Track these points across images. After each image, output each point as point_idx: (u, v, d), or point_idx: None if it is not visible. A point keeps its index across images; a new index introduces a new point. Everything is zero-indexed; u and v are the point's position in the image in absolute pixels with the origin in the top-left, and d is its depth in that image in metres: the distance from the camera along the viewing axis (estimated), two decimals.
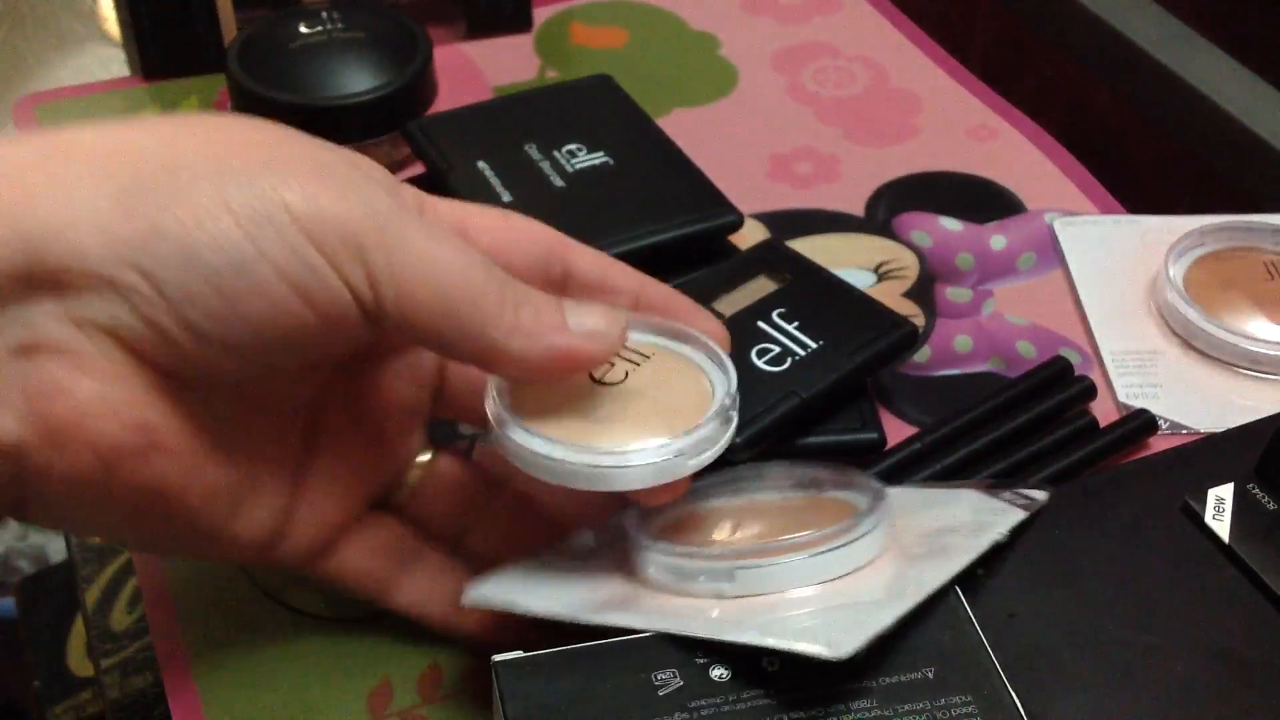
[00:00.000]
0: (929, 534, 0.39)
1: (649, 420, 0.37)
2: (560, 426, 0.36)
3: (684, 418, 0.37)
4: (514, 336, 0.34)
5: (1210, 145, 0.66)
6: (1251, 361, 0.51)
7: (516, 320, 0.34)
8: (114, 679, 0.43)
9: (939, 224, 0.59)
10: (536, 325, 0.35)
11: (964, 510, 0.40)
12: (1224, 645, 0.38)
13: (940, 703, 0.35)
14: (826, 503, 0.40)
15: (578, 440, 0.36)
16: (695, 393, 0.38)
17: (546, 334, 0.35)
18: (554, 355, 0.35)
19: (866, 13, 0.73)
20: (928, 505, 0.41)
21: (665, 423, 0.37)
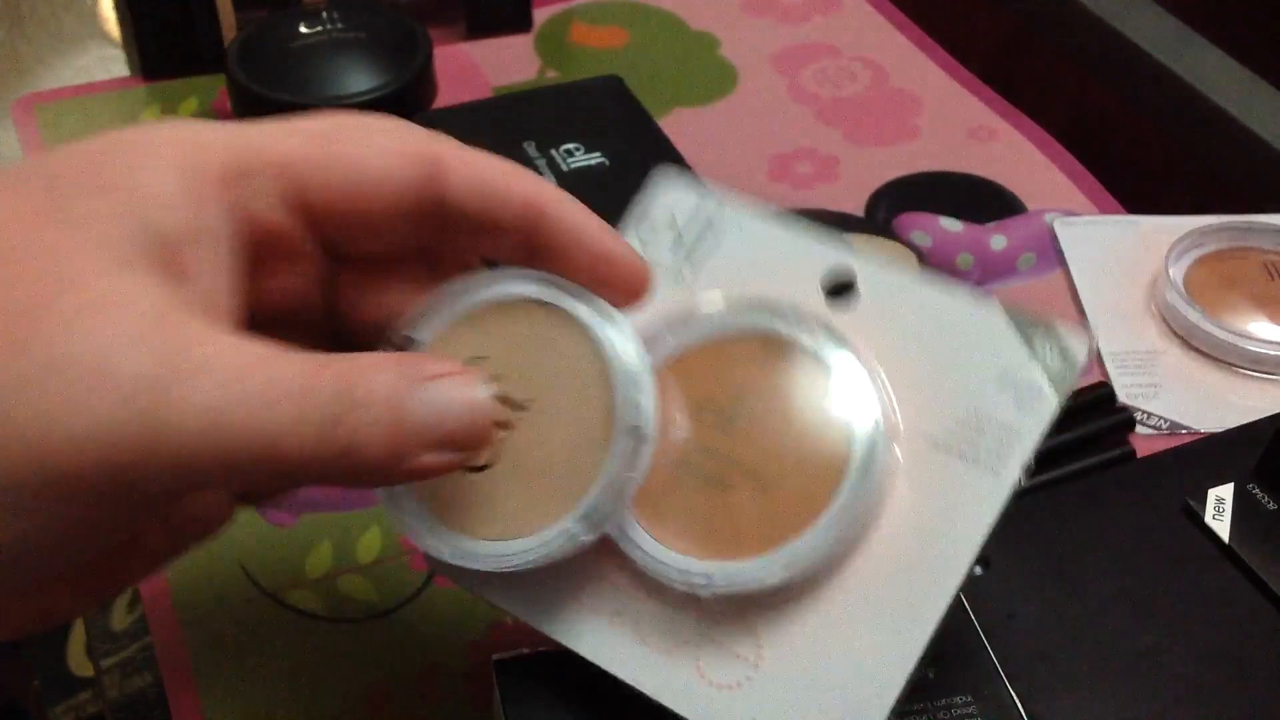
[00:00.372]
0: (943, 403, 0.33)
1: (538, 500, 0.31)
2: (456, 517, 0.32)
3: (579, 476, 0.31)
4: (349, 476, 0.29)
5: (1210, 145, 0.66)
6: (1251, 361, 0.51)
7: (343, 457, 0.28)
8: (114, 679, 0.43)
9: (939, 224, 0.59)
10: (372, 455, 0.28)
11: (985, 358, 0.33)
12: (1224, 645, 0.38)
13: (940, 703, 0.35)
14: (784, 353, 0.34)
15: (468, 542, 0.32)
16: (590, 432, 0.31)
17: (391, 464, 0.29)
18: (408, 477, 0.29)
19: (866, 13, 0.73)
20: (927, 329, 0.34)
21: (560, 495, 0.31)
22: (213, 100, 0.65)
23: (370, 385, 0.28)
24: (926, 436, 0.33)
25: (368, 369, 0.28)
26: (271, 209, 0.31)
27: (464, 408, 0.29)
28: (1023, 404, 0.32)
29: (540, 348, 0.32)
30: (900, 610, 0.32)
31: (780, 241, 0.36)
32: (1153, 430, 0.49)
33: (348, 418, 0.28)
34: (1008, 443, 0.32)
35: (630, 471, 0.31)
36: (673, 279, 0.36)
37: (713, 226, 0.36)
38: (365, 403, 0.28)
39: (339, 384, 0.28)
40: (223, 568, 0.44)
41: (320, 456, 0.28)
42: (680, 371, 0.34)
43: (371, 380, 0.28)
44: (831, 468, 0.32)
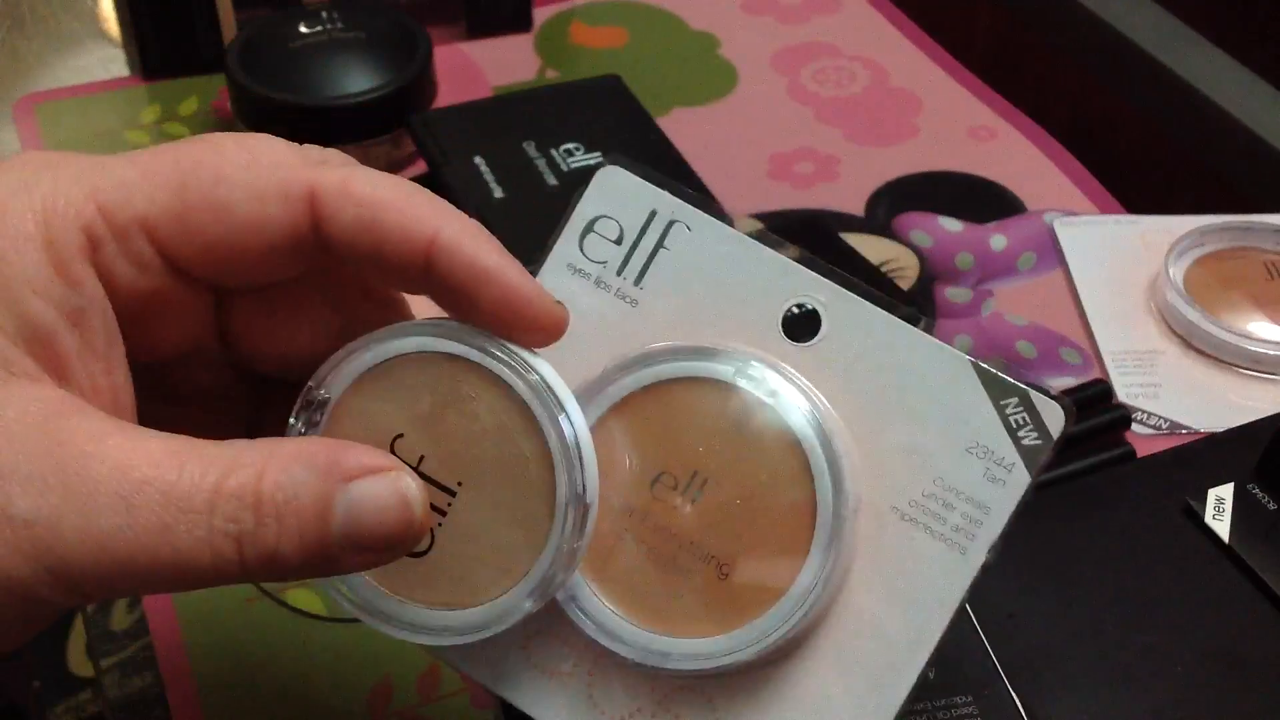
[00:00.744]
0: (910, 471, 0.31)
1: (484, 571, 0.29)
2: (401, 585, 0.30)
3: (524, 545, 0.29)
4: (271, 580, 0.27)
5: (1210, 145, 0.66)
6: (1251, 361, 0.51)
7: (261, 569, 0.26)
8: (114, 679, 0.43)
9: (939, 224, 0.59)
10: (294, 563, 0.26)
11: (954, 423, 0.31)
12: (1224, 645, 0.38)
13: (940, 703, 0.35)
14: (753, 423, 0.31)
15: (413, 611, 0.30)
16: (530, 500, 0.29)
17: (316, 569, 0.27)
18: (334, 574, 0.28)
19: (866, 13, 0.73)
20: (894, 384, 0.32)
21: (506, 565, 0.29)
22: (213, 100, 0.65)
23: (286, 491, 0.26)
24: (893, 506, 0.31)
25: (282, 469, 0.26)
26: (140, 272, 0.29)
27: (394, 511, 0.27)
28: (993, 478, 0.30)
29: (463, 411, 0.29)
30: (863, 691, 0.30)
31: (740, 263, 0.32)
32: (1153, 430, 0.49)
33: (264, 533, 0.26)
34: (976, 520, 0.30)
35: (577, 540, 0.29)
36: (619, 303, 0.32)
37: (666, 244, 0.32)
38: (283, 513, 0.26)
39: (251, 494, 0.26)
40: None
41: (233, 572, 0.26)
42: (630, 415, 0.31)
43: (287, 485, 0.26)
44: (794, 544, 0.30)
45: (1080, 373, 0.52)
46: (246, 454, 0.26)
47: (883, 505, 0.31)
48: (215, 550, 0.25)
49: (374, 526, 0.26)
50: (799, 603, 0.30)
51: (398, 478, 0.27)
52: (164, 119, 0.65)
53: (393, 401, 0.29)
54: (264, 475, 0.26)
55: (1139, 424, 0.49)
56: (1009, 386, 0.31)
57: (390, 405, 0.29)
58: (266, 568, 0.26)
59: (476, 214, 0.53)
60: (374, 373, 0.29)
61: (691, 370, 0.31)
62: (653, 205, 0.32)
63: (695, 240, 0.32)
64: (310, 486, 0.26)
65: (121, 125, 0.64)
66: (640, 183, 0.32)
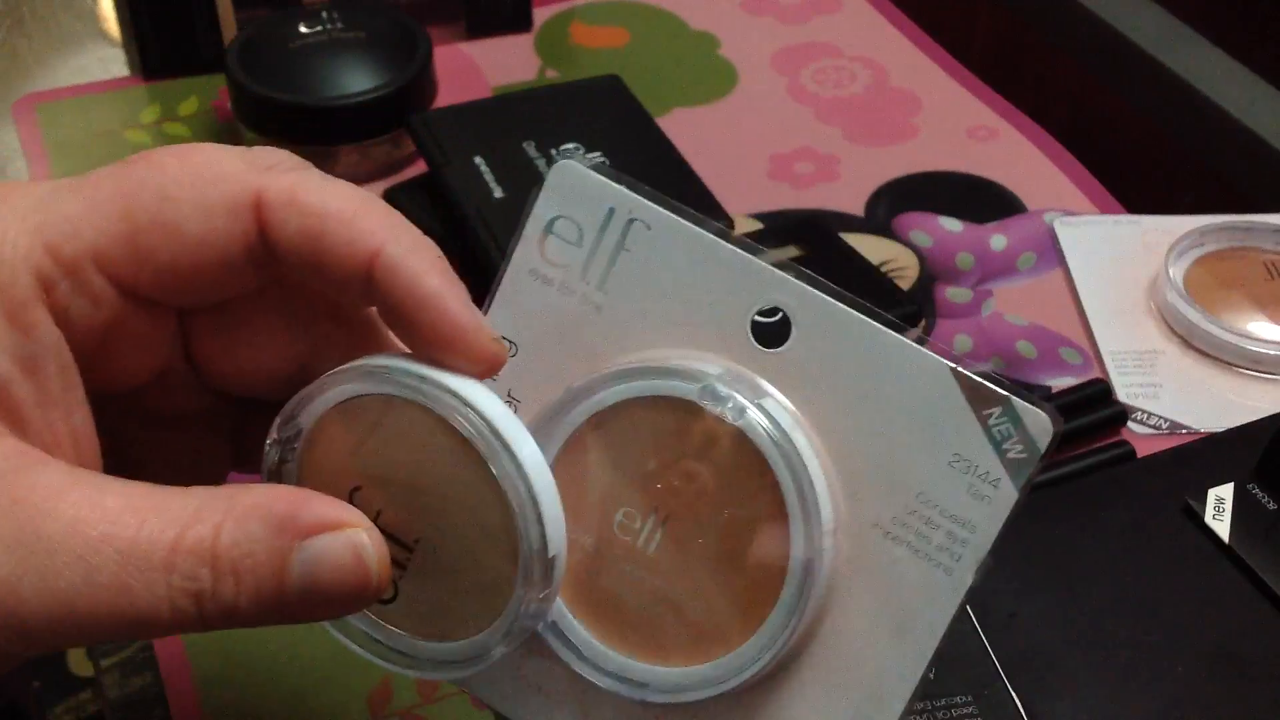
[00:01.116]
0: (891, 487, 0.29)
1: (457, 612, 0.29)
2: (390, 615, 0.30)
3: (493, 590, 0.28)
4: (229, 628, 0.27)
5: (1210, 145, 0.66)
6: (1251, 361, 0.51)
7: (220, 622, 0.26)
8: (114, 679, 0.43)
9: (939, 224, 0.59)
10: (252, 617, 0.26)
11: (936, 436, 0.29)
12: (1224, 645, 0.38)
13: (940, 703, 0.35)
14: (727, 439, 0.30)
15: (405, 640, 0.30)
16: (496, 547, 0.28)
17: (274, 621, 0.27)
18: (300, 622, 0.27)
19: (866, 13, 0.73)
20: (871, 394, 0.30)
21: (477, 608, 0.29)
22: (213, 100, 0.65)
23: (242, 547, 0.26)
24: (874, 524, 0.29)
25: (238, 526, 0.26)
26: (95, 306, 0.28)
27: (349, 567, 0.26)
28: (978, 494, 0.29)
29: (421, 458, 0.28)
30: (853, 716, 0.30)
31: (705, 265, 0.30)
32: (1153, 430, 0.49)
33: (223, 589, 0.26)
34: (961, 539, 0.29)
35: (545, 589, 0.28)
36: (585, 308, 0.31)
37: (627, 245, 0.31)
38: (241, 571, 0.26)
39: (207, 552, 0.26)
40: None
41: (193, 624, 0.26)
42: (595, 438, 0.30)
43: (244, 541, 0.26)
44: (769, 575, 0.29)
45: (1080, 373, 0.52)
46: (206, 508, 0.26)
47: (864, 523, 0.29)
48: (174, 606, 0.25)
49: (330, 583, 0.26)
50: (773, 638, 0.29)
51: (354, 534, 0.26)
52: (164, 119, 0.65)
53: (357, 445, 0.29)
54: (221, 532, 0.26)
55: (1139, 424, 0.49)
56: (991, 395, 0.29)
57: (355, 449, 0.29)
58: (225, 620, 0.26)
59: (476, 214, 0.53)
60: (345, 409, 0.29)
61: (654, 389, 0.29)
62: (610, 203, 0.31)
63: (656, 240, 0.31)
64: (266, 544, 0.26)
65: (121, 125, 0.64)
66: (596, 178, 0.31)
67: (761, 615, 0.29)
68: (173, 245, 0.28)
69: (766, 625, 0.29)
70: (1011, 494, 0.29)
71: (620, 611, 0.30)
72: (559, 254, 0.31)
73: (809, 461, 0.29)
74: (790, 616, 0.29)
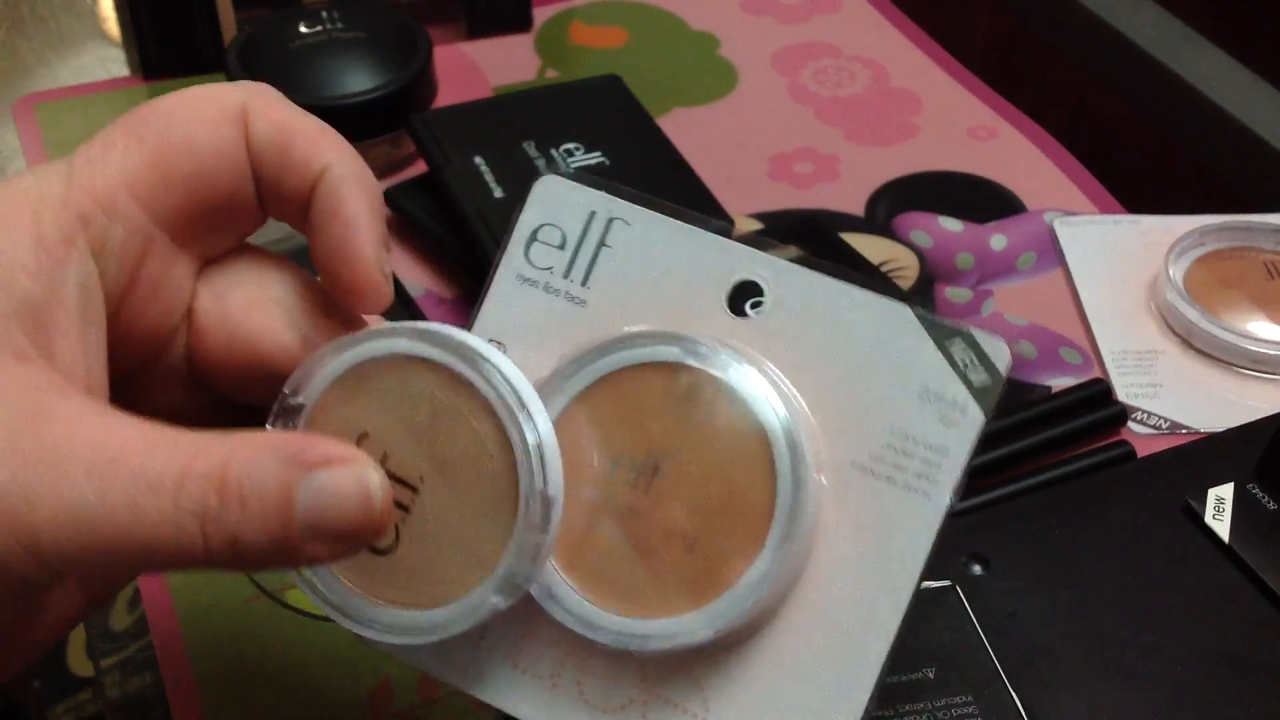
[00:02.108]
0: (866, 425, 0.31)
1: (449, 569, 0.30)
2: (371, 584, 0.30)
3: (488, 542, 0.29)
4: (235, 567, 0.27)
5: (1210, 145, 0.66)
6: (1251, 361, 0.51)
7: (225, 553, 0.27)
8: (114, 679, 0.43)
9: (939, 224, 0.59)
10: (258, 549, 0.27)
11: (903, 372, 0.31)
12: (1224, 645, 0.38)
13: (940, 703, 0.35)
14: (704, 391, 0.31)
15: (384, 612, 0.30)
16: (494, 496, 0.29)
17: (278, 557, 0.27)
18: (297, 565, 0.28)
19: (866, 13, 0.73)
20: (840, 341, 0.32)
21: (472, 562, 0.30)
22: None
23: (252, 477, 0.26)
24: (853, 462, 0.31)
25: (248, 457, 0.27)
26: (129, 234, 0.30)
27: (355, 501, 0.27)
28: (948, 421, 0.31)
29: (428, 411, 0.30)
30: (846, 650, 0.30)
31: (681, 250, 0.32)
32: (1153, 430, 0.49)
33: (227, 515, 0.26)
34: (935, 464, 0.30)
35: (542, 534, 0.29)
36: (569, 305, 0.33)
37: (607, 241, 0.33)
38: (247, 497, 0.26)
39: (216, 477, 0.26)
40: None
41: (198, 553, 0.26)
42: (587, 408, 0.32)
43: (253, 471, 0.26)
44: (759, 512, 0.30)
45: (1080, 373, 0.52)
46: (214, 442, 0.27)
47: (843, 462, 0.31)
48: (180, 529, 0.26)
49: (335, 516, 0.27)
50: (767, 572, 0.30)
51: (361, 469, 0.27)
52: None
53: (363, 404, 0.30)
54: (230, 460, 0.26)
55: (1139, 424, 0.49)
56: (950, 330, 0.31)
57: (361, 408, 0.30)
58: (229, 550, 0.26)
59: (476, 214, 0.53)
60: (346, 376, 0.30)
61: (639, 357, 0.31)
62: (591, 206, 0.33)
63: (635, 234, 0.33)
64: (274, 473, 0.26)
65: None
66: (578, 187, 0.33)
67: (752, 557, 0.30)
68: (190, 160, 0.30)
69: (755, 566, 0.30)
70: (979, 417, 0.30)
71: (613, 573, 0.31)
72: (543, 258, 0.33)
73: (787, 404, 0.30)
74: (779, 555, 0.30)
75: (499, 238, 0.51)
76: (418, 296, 0.54)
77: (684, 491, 0.31)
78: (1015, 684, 0.35)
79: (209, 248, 0.32)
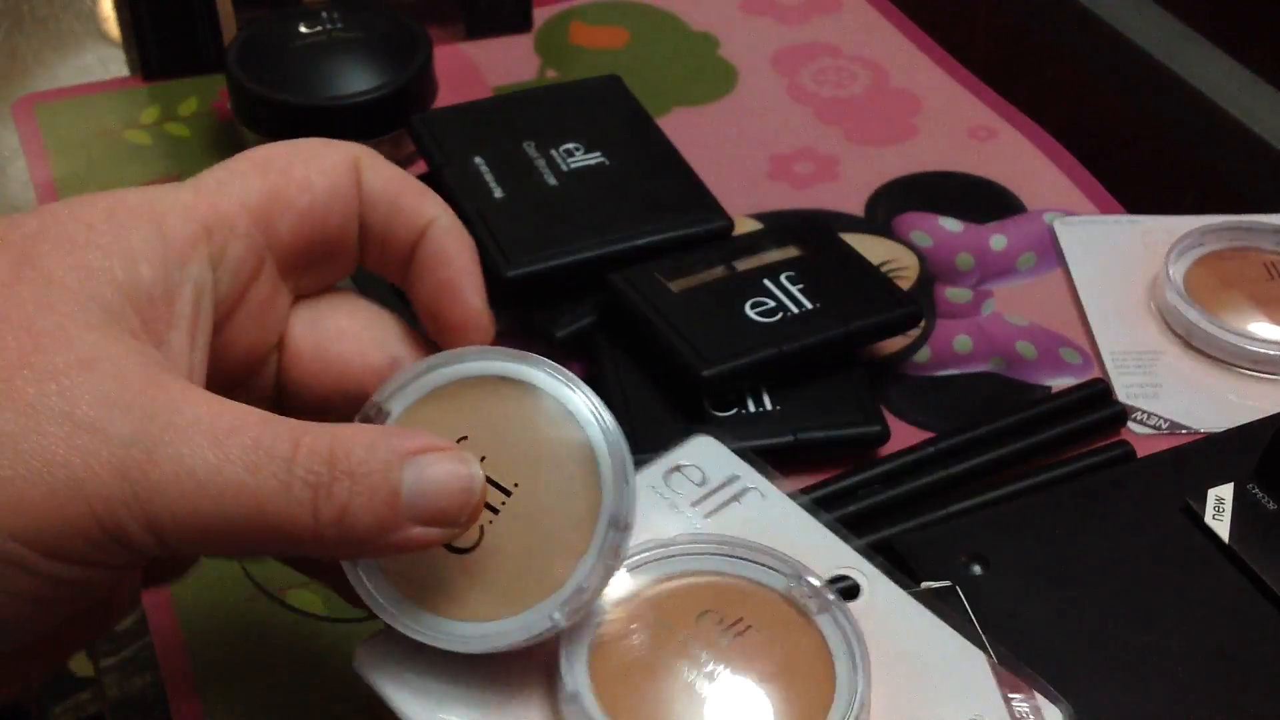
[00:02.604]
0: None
1: (513, 585, 0.31)
2: (427, 597, 0.31)
3: (557, 563, 0.31)
4: (338, 546, 0.28)
5: (1210, 145, 0.66)
6: (1251, 361, 0.51)
7: (332, 526, 0.28)
8: (114, 679, 0.43)
9: (939, 224, 0.59)
10: (363, 525, 0.28)
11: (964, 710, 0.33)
12: (1224, 645, 0.38)
13: None
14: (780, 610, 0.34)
15: (442, 622, 0.31)
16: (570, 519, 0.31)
17: (381, 536, 0.28)
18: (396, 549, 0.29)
19: (866, 13, 0.73)
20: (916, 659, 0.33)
21: (536, 582, 0.31)
22: (213, 100, 0.65)
23: (362, 455, 0.28)
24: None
25: (357, 438, 0.28)
26: (246, 251, 0.32)
27: (457, 483, 0.29)
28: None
29: (518, 428, 0.31)
30: None
31: (797, 530, 0.36)
32: (1153, 430, 0.49)
33: (338, 488, 0.27)
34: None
35: (615, 560, 0.31)
36: (685, 524, 0.36)
37: (739, 499, 0.36)
38: (357, 473, 0.28)
39: (329, 452, 0.28)
40: (223, 568, 0.44)
41: (307, 524, 0.27)
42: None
43: (363, 450, 0.28)
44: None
45: (1080, 373, 0.52)
46: (321, 425, 0.28)
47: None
48: (294, 499, 0.27)
49: (437, 498, 0.28)
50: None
51: (461, 457, 0.29)
52: (164, 119, 0.65)
53: (456, 416, 0.31)
54: (336, 439, 0.28)
55: (1139, 424, 0.49)
56: (1014, 684, 0.33)
57: (454, 418, 0.31)
58: (336, 525, 0.28)
59: (477, 214, 0.53)
60: (436, 394, 0.32)
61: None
62: (737, 471, 0.37)
63: (765, 505, 0.36)
64: (381, 455, 0.28)
65: (121, 125, 0.64)
66: (731, 455, 0.37)
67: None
68: (307, 197, 0.32)
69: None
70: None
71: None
72: (680, 486, 0.37)
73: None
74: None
75: (499, 238, 0.52)
76: None
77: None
78: None
79: (307, 283, 0.34)
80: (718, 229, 0.53)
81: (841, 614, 0.33)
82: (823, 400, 0.48)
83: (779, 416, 0.47)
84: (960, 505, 0.44)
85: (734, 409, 0.48)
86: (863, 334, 0.49)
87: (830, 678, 0.32)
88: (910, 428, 0.49)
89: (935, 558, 0.41)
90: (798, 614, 0.33)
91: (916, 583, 0.35)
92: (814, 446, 0.47)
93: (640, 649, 0.32)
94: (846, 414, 0.47)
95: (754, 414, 0.47)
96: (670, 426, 0.47)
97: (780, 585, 0.34)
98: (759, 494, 0.36)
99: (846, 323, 0.48)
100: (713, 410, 0.47)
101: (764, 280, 0.50)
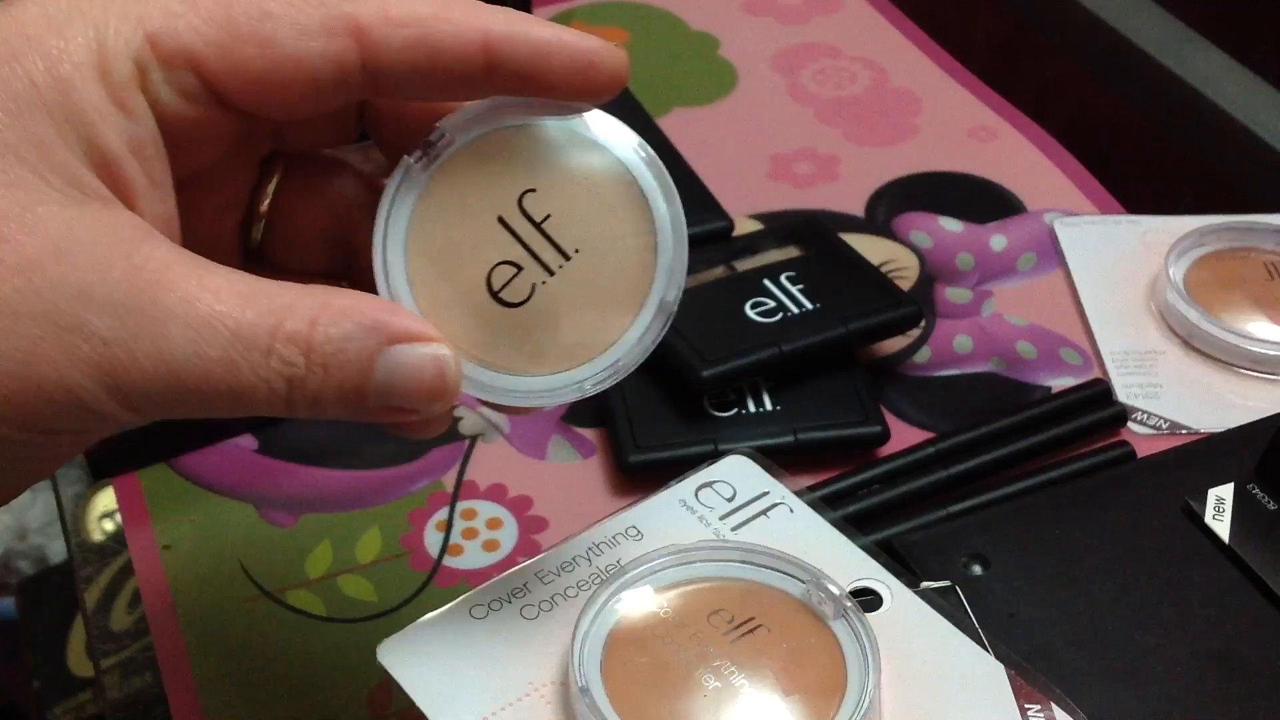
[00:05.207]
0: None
1: (560, 346, 0.32)
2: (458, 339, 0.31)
3: (604, 328, 0.32)
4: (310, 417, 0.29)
5: (1210, 145, 0.66)
6: (1252, 361, 0.51)
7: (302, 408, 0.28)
8: (114, 679, 0.43)
9: (939, 224, 0.59)
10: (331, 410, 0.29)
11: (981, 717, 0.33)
12: (1224, 645, 0.38)
13: None
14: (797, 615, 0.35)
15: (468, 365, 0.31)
16: (620, 291, 0.32)
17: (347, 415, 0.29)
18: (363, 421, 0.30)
19: (866, 13, 0.73)
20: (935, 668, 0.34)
21: (582, 345, 0.32)
22: None
23: (335, 343, 0.28)
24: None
25: (332, 324, 0.28)
26: (184, 101, 0.29)
27: (429, 373, 0.29)
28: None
29: (588, 197, 0.31)
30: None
31: (824, 543, 0.36)
32: (1153, 430, 0.49)
33: (311, 380, 0.28)
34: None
35: (658, 334, 0.32)
36: (712, 536, 0.36)
37: (768, 515, 0.37)
38: (330, 365, 0.28)
39: (306, 341, 0.28)
40: (223, 568, 0.44)
41: (280, 407, 0.28)
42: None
43: (336, 337, 0.28)
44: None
45: (1080, 373, 0.52)
46: (302, 302, 0.28)
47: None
48: (270, 387, 0.28)
49: (408, 388, 0.29)
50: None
51: (438, 348, 0.29)
52: None
53: (527, 165, 0.31)
54: (316, 326, 0.28)
55: (1139, 424, 0.49)
56: (1031, 696, 0.33)
57: (529, 164, 0.31)
58: (309, 407, 0.28)
59: None
60: (502, 134, 0.31)
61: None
62: (767, 488, 0.37)
63: (793, 519, 0.37)
64: (356, 343, 0.28)
65: None
66: (762, 473, 0.38)
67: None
68: (266, 59, 0.29)
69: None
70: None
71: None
72: (709, 499, 0.37)
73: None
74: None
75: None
76: None
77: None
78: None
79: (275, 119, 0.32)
80: (718, 229, 0.53)
81: (856, 618, 0.33)
82: (823, 400, 0.48)
83: (779, 416, 0.47)
84: (960, 505, 0.44)
85: (734, 409, 0.48)
86: (863, 334, 0.49)
87: (841, 676, 0.33)
88: (910, 428, 0.49)
89: (935, 558, 0.41)
90: (812, 618, 0.34)
91: (916, 583, 0.35)
92: (814, 446, 0.47)
93: (652, 645, 0.33)
94: (846, 414, 0.47)
95: (754, 414, 0.47)
96: (671, 426, 0.47)
97: (798, 592, 0.34)
98: (787, 509, 0.37)
99: (846, 323, 0.49)
100: (713, 410, 0.48)
101: (764, 280, 0.50)
